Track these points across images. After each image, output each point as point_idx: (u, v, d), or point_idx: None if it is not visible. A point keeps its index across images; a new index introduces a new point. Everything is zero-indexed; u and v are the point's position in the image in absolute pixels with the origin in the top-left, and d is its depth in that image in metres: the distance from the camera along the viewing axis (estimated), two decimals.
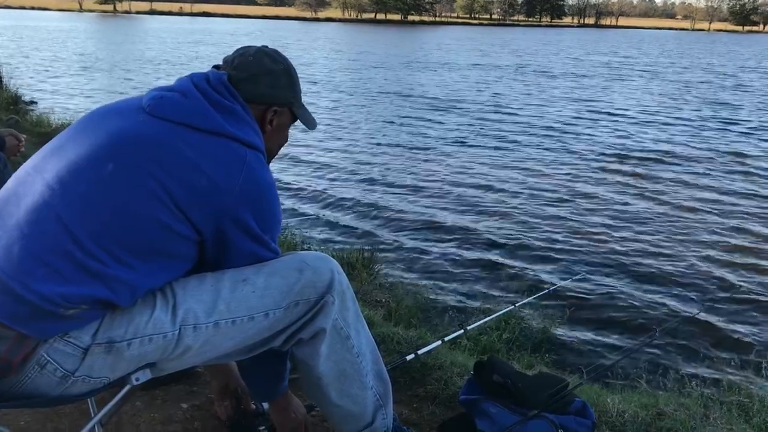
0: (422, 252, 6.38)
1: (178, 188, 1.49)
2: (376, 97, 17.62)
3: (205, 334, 1.58)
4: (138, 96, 1.66)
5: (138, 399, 2.34)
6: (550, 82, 23.73)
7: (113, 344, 1.49)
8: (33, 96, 13.68)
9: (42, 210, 1.46)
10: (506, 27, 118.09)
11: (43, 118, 9.58)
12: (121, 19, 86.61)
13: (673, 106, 17.69)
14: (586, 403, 2.21)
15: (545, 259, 6.29)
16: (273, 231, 1.68)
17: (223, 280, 1.61)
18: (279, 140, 1.84)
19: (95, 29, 53.78)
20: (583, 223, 7.43)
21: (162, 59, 27.28)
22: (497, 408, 2.16)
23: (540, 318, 4.65)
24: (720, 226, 7.46)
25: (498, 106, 16.73)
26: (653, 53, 46.29)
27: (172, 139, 1.53)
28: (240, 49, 1.78)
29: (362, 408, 1.84)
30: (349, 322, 1.78)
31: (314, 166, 9.87)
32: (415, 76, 23.91)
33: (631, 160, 10.78)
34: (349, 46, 42.64)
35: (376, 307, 3.96)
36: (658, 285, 5.75)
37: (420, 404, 2.50)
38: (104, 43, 35.88)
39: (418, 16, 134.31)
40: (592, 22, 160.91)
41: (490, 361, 2.33)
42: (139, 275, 1.49)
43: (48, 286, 1.40)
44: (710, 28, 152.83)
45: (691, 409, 2.45)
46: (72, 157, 1.52)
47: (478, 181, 9.23)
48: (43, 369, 1.45)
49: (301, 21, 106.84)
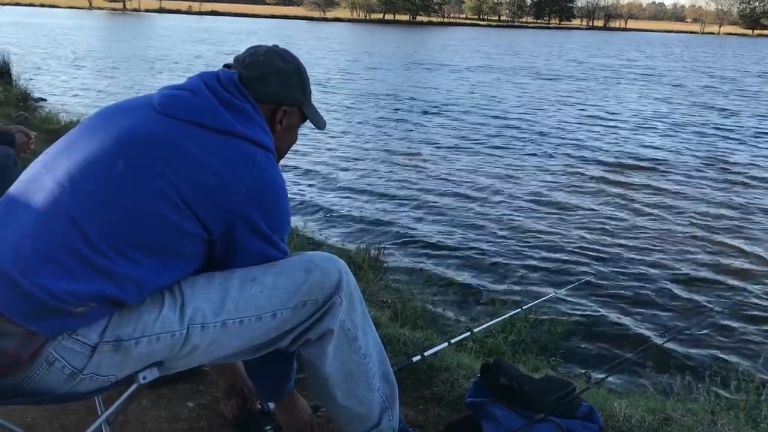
0: (429, 253, 6.37)
1: (188, 187, 1.49)
2: (382, 99, 17.61)
3: (213, 333, 1.57)
4: (148, 94, 1.66)
5: (144, 397, 2.34)
6: (549, 84, 23.59)
7: (121, 342, 1.49)
8: (42, 93, 13.71)
9: (52, 208, 1.46)
10: (514, 29, 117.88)
11: (52, 115, 9.60)
12: (130, 17, 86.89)
13: (665, 111, 17.60)
14: (593, 408, 2.20)
15: (553, 263, 6.27)
16: (282, 231, 1.68)
17: (231, 280, 1.61)
18: (289, 140, 1.83)
19: (104, 27, 53.96)
20: (590, 227, 7.41)
21: (169, 58, 27.32)
22: (503, 411, 2.15)
23: (546, 321, 4.64)
24: (733, 233, 7.43)
25: (504, 110, 16.68)
26: (657, 56, 46.12)
27: (181, 137, 1.53)
28: (251, 48, 1.78)
29: (369, 409, 1.84)
30: (357, 323, 1.78)
31: (322, 167, 9.87)
32: (423, 79, 23.87)
33: (633, 168, 10.74)
34: (353, 46, 42.63)
35: (382, 307, 3.96)
36: (666, 291, 5.72)
37: (426, 406, 2.49)
38: (113, 41, 35.99)
39: (427, 17, 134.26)
40: (601, 25, 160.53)
41: (497, 364, 2.33)
42: (147, 273, 1.49)
43: (57, 283, 1.40)
44: (720, 31, 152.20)
45: (698, 415, 2.44)
46: (82, 155, 1.52)
47: (488, 184, 9.21)
48: (52, 366, 1.45)
49: (309, 21, 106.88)
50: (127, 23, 64.53)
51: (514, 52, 42.80)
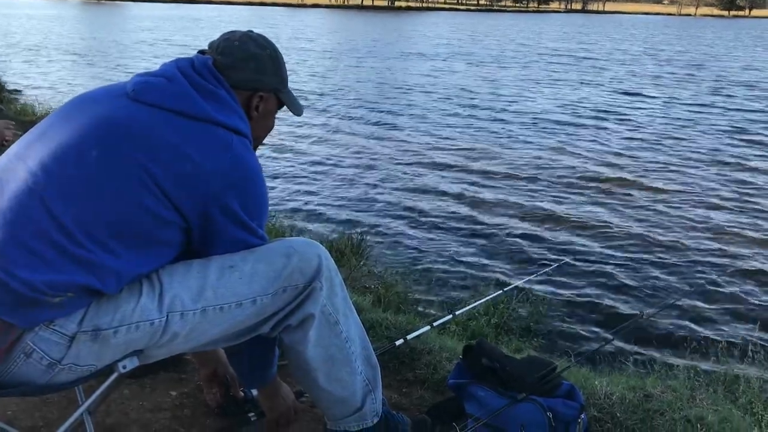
0: (411, 238, 6.39)
1: (163, 174, 1.48)
2: (359, 86, 17.53)
3: (192, 320, 1.57)
4: (122, 82, 1.64)
5: (126, 387, 2.33)
6: (523, 71, 23.55)
7: (99, 332, 1.48)
8: (17, 85, 13.52)
9: (26, 197, 1.44)
10: (493, 12, 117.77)
11: (27, 107, 9.48)
12: (104, 6, 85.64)
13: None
14: (574, 386, 2.22)
15: (533, 244, 6.32)
16: (260, 217, 1.67)
17: (210, 267, 1.60)
18: (265, 126, 1.82)
19: (78, 17, 53.15)
20: (569, 208, 7.46)
21: (142, 48, 27.01)
22: (486, 391, 2.17)
23: (528, 303, 4.68)
24: (707, 211, 7.52)
25: (480, 96, 16.70)
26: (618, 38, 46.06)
27: (156, 124, 1.52)
28: (226, 34, 1.76)
29: (351, 393, 1.84)
30: (338, 308, 1.78)
31: (300, 153, 9.84)
32: (398, 65, 23.80)
33: (619, 151, 10.82)
34: (323, 33, 42.29)
35: (365, 293, 3.96)
36: (645, 270, 5.79)
37: (409, 389, 2.51)
38: (87, 32, 35.47)
39: (405, 2, 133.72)
40: (579, 8, 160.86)
41: (479, 345, 2.34)
42: (125, 262, 1.48)
43: (33, 274, 1.39)
44: (696, 13, 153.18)
45: (677, 391, 2.47)
46: (56, 143, 1.50)
47: (467, 168, 9.23)
48: (29, 357, 1.44)
49: (288, 7, 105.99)
50: (102, 13, 63.60)
51: (470, 35, 42.43)
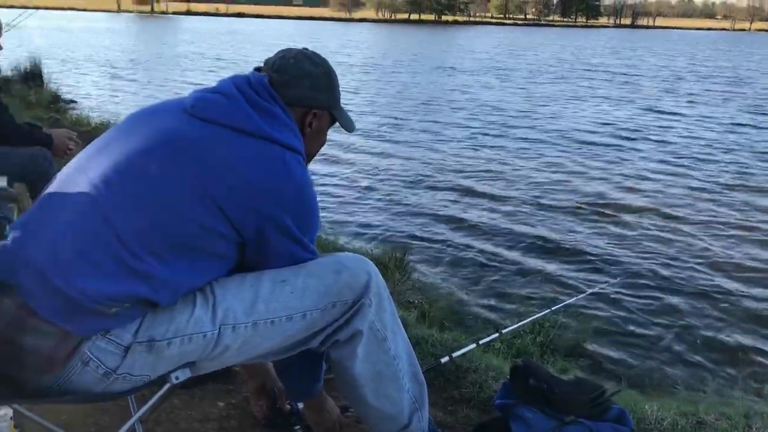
0: (455, 253, 6.34)
1: (219, 189, 1.51)
2: (403, 100, 17.55)
3: (244, 333, 1.59)
4: (181, 97, 1.68)
5: (176, 397, 2.37)
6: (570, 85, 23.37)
7: (154, 343, 1.51)
8: (73, 95, 13.90)
9: (87, 209, 1.48)
10: (540, 27, 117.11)
11: (82, 117, 9.72)
12: (158, 19, 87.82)
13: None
14: (624, 410, 2.17)
15: (582, 263, 6.19)
16: (311, 232, 1.69)
17: (262, 281, 1.62)
18: (318, 143, 1.84)
19: (132, 30, 54.59)
20: (623, 227, 7.31)
21: (198, 60, 27.57)
22: (533, 413, 2.14)
23: (576, 322, 4.58)
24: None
25: (522, 109, 16.57)
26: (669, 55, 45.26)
27: (213, 140, 1.55)
28: (281, 52, 1.79)
29: (398, 410, 1.84)
30: (386, 324, 1.78)
31: (347, 168, 9.89)
32: (448, 81, 23.80)
33: (671, 172, 10.60)
34: (379, 48, 42.55)
35: (409, 308, 3.95)
36: (699, 298, 5.56)
37: (455, 407, 2.49)
38: (141, 44, 36.38)
39: (452, 17, 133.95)
40: (628, 23, 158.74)
41: (526, 365, 2.31)
42: (180, 275, 1.51)
43: (91, 283, 1.43)
44: (751, 28, 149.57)
45: (732, 419, 2.40)
46: (116, 157, 1.54)
47: (513, 182, 9.16)
48: (86, 366, 1.48)
49: (336, 21, 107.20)
50: (155, 26, 65.22)
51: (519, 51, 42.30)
